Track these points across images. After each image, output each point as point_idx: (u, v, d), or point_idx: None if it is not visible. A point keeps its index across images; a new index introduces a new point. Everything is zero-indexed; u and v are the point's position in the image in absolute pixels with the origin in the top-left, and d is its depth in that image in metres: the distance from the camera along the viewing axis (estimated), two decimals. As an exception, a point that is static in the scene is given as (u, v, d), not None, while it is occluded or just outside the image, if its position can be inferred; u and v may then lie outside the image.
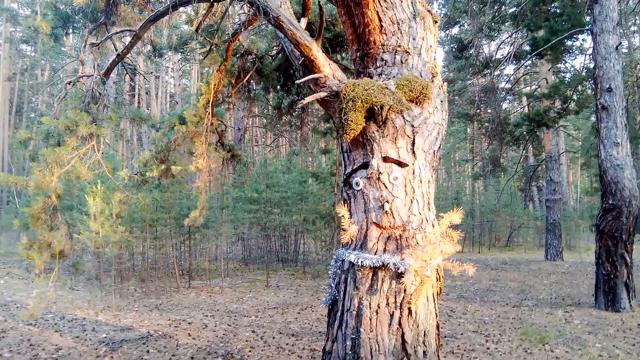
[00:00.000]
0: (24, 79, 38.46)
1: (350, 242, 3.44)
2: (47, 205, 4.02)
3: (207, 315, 7.26)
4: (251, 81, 8.60)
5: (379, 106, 3.33)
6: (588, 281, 11.90)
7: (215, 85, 6.86)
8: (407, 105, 3.45)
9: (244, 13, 6.36)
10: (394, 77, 3.65)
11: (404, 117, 3.43)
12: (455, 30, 25.38)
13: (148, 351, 5.22)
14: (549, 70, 17.04)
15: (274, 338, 5.99)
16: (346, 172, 3.58)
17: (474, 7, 18.48)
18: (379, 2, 3.62)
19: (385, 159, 3.37)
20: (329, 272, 3.68)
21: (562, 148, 28.68)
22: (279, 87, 8.84)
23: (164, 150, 7.39)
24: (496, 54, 21.82)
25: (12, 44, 35.09)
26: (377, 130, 3.41)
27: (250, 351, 5.39)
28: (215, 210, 10.34)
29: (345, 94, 3.41)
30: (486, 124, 25.13)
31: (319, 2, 3.97)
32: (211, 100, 6.89)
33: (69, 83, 4.21)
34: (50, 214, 4.03)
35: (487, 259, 17.35)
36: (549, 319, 7.15)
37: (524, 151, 21.89)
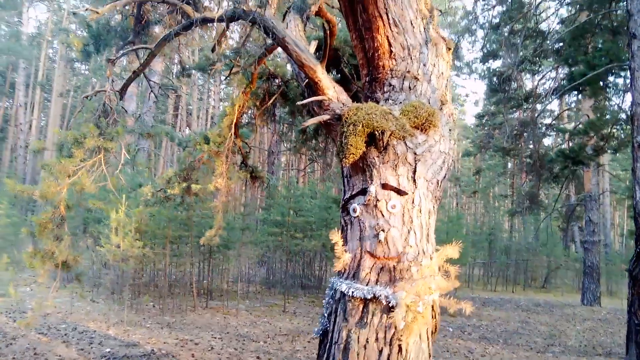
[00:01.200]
0: (76, 95, 40.40)
1: (343, 271, 3.30)
2: (55, 216, 4.07)
3: (215, 337, 7.16)
4: (277, 104, 8.67)
5: (380, 131, 3.22)
6: (624, 330, 11.14)
7: (240, 106, 6.92)
8: (411, 131, 3.33)
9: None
10: (400, 102, 3.56)
11: (406, 144, 3.31)
12: (496, 63, 25.05)
13: (146, 369, 5.16)
14: (590, 107, 16.49)
15: (277, 366, 5.83)
16: (345, 198, 3.47)
17: (516, 40, 18.23)
18: (390, 27, 3.55)
19: (384, 186, 3.24)
20: (323, 300, 3.55)
21: (606, 188, 27.51)
22: (304, 111, 8.86)
23: (187, 169, 7.47)
24: (536, 88, 21.35)
25: (67, 63, 37.03)
26: (378, 156, 3.30)
27: (250, 378, 5.24)
28: (237, 231, 10.34)
29: (347, 118, 3.33)
30: (525, 159, 24.47)
31: (323, 24, 3.94)
32: (234, 121, 6.95)
33: (87, 97, 4.32)
34: (57, 225, 4.07)
35: (519, 300, 16.59)
36: (573, 368, 6.68)
37: (564, 189, 21.12)
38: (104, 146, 3.99)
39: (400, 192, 3.23)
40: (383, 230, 3.15)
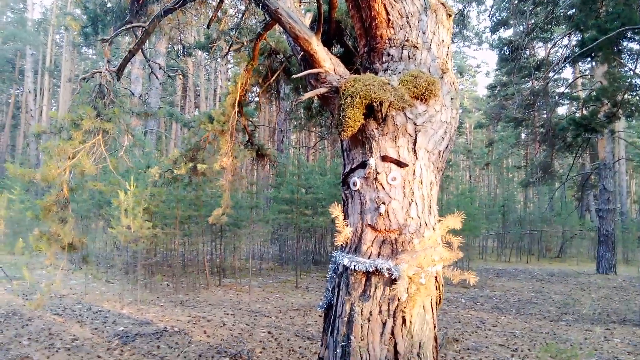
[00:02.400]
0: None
1: (345, 245, 3.28)
2: (59, 198, 4.09)
3: (227, 314, 7.26)
4: (280, 81, 8.57)
5: (378, 102, 3.16)
6: (640, 298, 11.08)
7: (242, 84, 6.86)
8: (410, 102, 3.26)
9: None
10: (399, 72, 3.47)
11: (405, 115, 3.24)
12: (508, 32, 24.47)
13: (159, 346, 5.25)
14: (604, 74, 16.05)
15: (288, 340, 5.89)
16: (345, 171, 3.42)
17: (526, 7, 17.73)
18: (387, -6, 3.45)
19: (384, 158, 3.19)
20: (327, 275, 3.54)
21: (621, 155, 27.06)
22: (308, 87, 8.75)
23: (192, 149, 7.47)
24: (548, 56, 20.86)
25: (74, 48, 37.00)
26: (377, 128, 3.24)
27: (261, 352, 5.31)
28: (246, 210, 10.39)
29: (344, 90, 3.27)
30: (538, 129, 24.10)
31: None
32: (237, 99, 6.89)
33: (84, 79, 4.29)
34: (61, 207, 4.10)
35: (533, 270, 16.56)
36: (586, 335, 6.66)
37: (578, 158, 20.80)
38: (101, 127, 3.97)
39: (400, 164, 3.17)
40: (384, 203, 3.11)
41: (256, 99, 8.76)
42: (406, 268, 2.91)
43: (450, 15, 3.80)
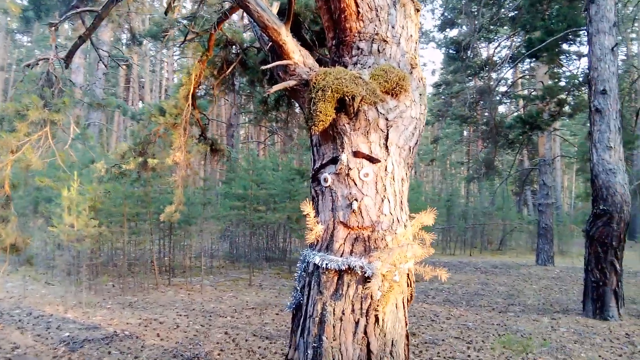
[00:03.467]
0: (19, 69, 38.00)
1: (315, 243, 3.19)
2: (-1, 196, 3.75)
3: (180, 315, 7.00)
4: (235, 74, 8.34)
5: (350, 97, 3.08)
6: (578, 287, 11.69)
7: (196, 76, 6.60)
8: (382, 96, 3.20)
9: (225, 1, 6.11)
10: (369, 66, 3.41)
11: (377, 110, 3.18)
12: (453, 32, 25.17)
13: (110, 352, 4.96)
14: (545, 73, 16.83)
15: (246, 340, 5.74)
16: (315, 167, 3.33)
17: (472, 8, 18.27)
18: (357, -15, 3.37)
19: (356, 154, 3.12)
20: (295, 274, 3.44)
21: (557, 152, 28.55)
22: (265, 80, 8.56)
23: (142, 142, 7.12)
24: (493, 56, 21.62)
25: (7, 34, 34.61)
26: (348, 123, 3.16)
27: (219, 354, 5.13)
28: (198, 206, 10.07)
29: (315, 83, 3.16)
30: (482, 126, 24.96)
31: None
32: (191, 91, 6.63)
33: (28, 65, 3.95)
34: (1, 205, 3.75)
35: (477, 262, 17.14)
36: (534, 325, 6.93)
37: (519, 155, 21.75)
38: (49, 118, 3.66)
39: (372, 160, 3.11)
40: (356, 200, 3.04)
41: (210, 91, 8.47)
42: (380, 266, 2.85)
43: (418, 10, 3.77)
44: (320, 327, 3.00)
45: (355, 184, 3.08)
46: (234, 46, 7.77)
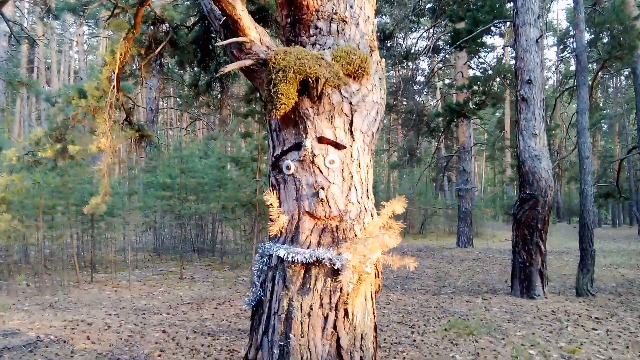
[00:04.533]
0: None
1: (279, 235, 2.99)
2: None
3: (110, 314, 6.48)
4: (164, 54, 7.80)
5: (314, 78, 2.89)
6: (497, 267, 12.42)
7: (121, 55, 6.05)
8: (345, 79, 3.05)
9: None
10: (329, 47, 3.23)
11: (341, 93, 3.02)
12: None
13: (35, 361, 4.45)
14: (465, 64, 17.58)
15: (187, 339, 5.41)
16: (275, 154, 3.11)
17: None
18: (314, -39, 3.18)
19: (321, 140, 2.95)
20: (253, 268, 3.22)
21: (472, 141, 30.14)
22: (195, 62, 8.11)
23: (60, 128, 6.47)
24: (415, 46, 22.22)
25: None
26: (312, 107, 2.98)
27: (159, 355, 4.78)
28: (123, 197, 9.39)
29: (275, 63, 2.93)
30: (403, 115, 25.66)
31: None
32: (117, 72, 6.08)
33: None
34: None
35: (403, 246, 17.67)
36: (469, 306, 7.20)
37: (439, 142, 22.64)
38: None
39: (338, 146, 2.96)
40: (322, 188, 2.87)
41: (135, 72, 7.87)
42: (350, 257, 2.72)
43: (374, -9, 3.65)
44: (287, 324, 2.82)
45: (321, 172, 2.91)
46: (163, 24, 7.27)
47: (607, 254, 14.76)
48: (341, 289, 2.80)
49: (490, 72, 9.81)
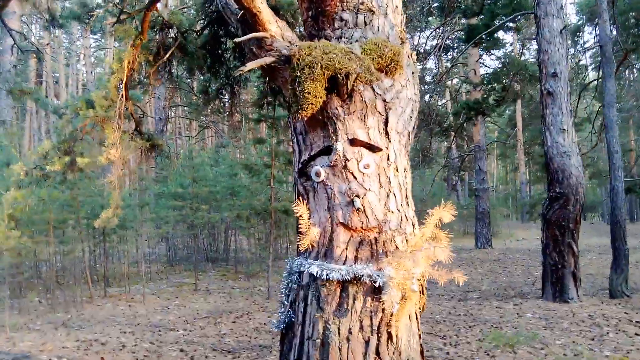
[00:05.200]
0: None
1: (310, 249, 2.68)
2: None
3: (125, 332, 6.21)
4: (173, 61, 7.56)
5: (343, 74, 2.59)
6: (520, 268, 12.03)
7: (129, 62, 5.81)
8: (377, 75, 2.75)
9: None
10: (356, 40, 2.94)
11: (374, 90, 2.72)
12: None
13: (47, 389, 4.18)
14: (477, 61, 17.23)
15: (207, 357, 5.12)
16: (302, 160, 2.81)
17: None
18: (337, -53, 2.89)
19: (353, 142, 2.65)
20: (281, 286, 2.92)
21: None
22: (205, 68, 7.85)
23: (68, 140, 6.23)
24: (425, 45, 21.89)
25: None
26: (342, 106, 2.68)
27: (178, 378, 4.50)
28: (134, 208, 9.16)
29: (299, 59, 2.64)
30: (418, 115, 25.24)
31: None
32: (125, 80, 5.84)
33: None
34: None
35: (420, 250, 17.25)
36: (499, 313, 6.84)
37: (452, 142, 22.30)
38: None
39: (372, 149, 2.66)
40: (358, 196, 2.57)
41: (144, 80, 7.63)
42: (393, 273, 2.41)
43: (402, -22, 3.35)
44: (323, 351, 2.51)
45: (355, 178, 2.61)
46: (171, 29, 7.02)
47: (632, 251, 14.28)
48: (383, 309, 2.48)
49: (508, 66, 9.47)
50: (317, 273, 2.54)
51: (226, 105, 8.99)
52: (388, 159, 2.68)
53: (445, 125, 18.15)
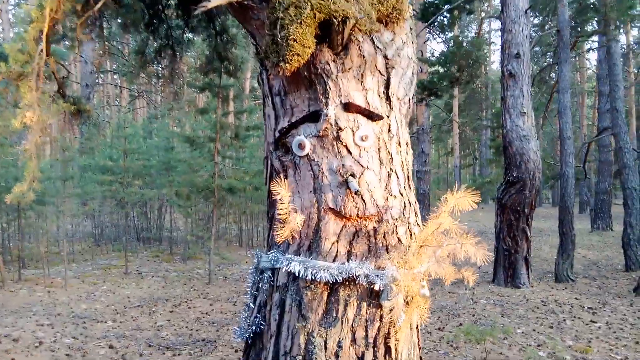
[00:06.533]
0: None
1: (290, 241, 2.12)
2: None
3: (42, 325, 5.36)
4: (104, 13, 6.58)
5: (340, 19, 2.02)
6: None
7: (51, 11, 4.84)
8: (377, 25, 2.20)
9: None
10: (349, -17, 2.36)
11: (374, 43, 2.17)
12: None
13: (-64, 405, 3.37)
14: (424, 42, 17.05)
15: (141, 355, 4.45)
16: (279, 128, 2.22)
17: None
18: None
19: (347, 107, 2.10)
20: (246, 284, 2.35)
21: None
22: (142, 25, 6.92)
23: (-27, 99, 5.21)
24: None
25: None
26: (334, 61, 2.11)
27: (108, 383, 3.82)
28: (56, 182, 8.08)
29: (282, -4, 2.03)
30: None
31: None
32: (45, 31, 4.88)
33: None
34: None
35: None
36: (454, 299, 6.63)
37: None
38: None
39: (372, 116, 2.12)
40: (353, 175, 2.03)
41: (69, 34, 6.59)
42: (397, 273, 1.91)
43: None
44: (306, 370, 1.98)
45: (350, 152, 2.07)
46: (103, -26, 6.05)
47: (554, 235, 14.85)
48: (381, 317, 1.99)
49: (466, 46, 9.26)
50: (299, 272, 1.99)
51: (165, 70, 8.05)
52: (389, 130, 2.16)
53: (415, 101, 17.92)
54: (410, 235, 2.13)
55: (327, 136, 2.07)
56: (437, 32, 14.87)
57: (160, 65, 8.07)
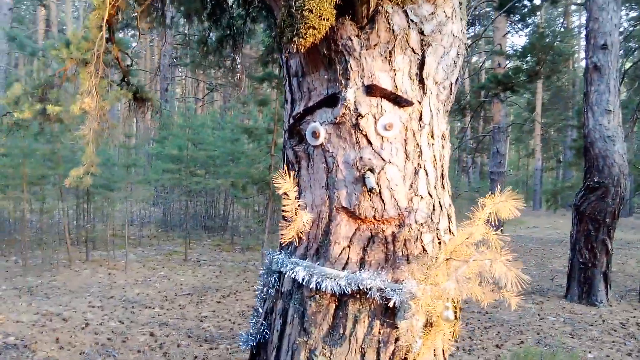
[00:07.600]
0: None
1: (297, 243, 1.86)
2: None
3: (93, 306, 5.51)
4: (166, 1, 6.65)
5: (364, -13, 1.72)
6: (533, 259, 11.24)
7: (113, -2, 4.91)
8: (412, -6, 1.87)
9: None
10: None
11: (407, 15, 1.84)
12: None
13: (-26, 379, 3.47)
14: (504, 36, 16.04)
15: (178, 346, 4.39)
16: (294, 113, 1.96)
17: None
18: None
19: (371, 90, 1.79)
20: (257, 287, 2.12)
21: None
22: (204, 15, 6.94)
23: (43, 85, 5.40)
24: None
25: None
26: (358, 36, 1.81)
27: (139, 372, 3.78)
28: (122, 169, 8.38)
29: (299, -39, 1.76)
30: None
31: None
32: (106, 17, 4.94)
33: None
34: None
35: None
36: (519, 313, 6.05)
37: (469, 122, 21.35)
38: None
39: (399, 102, 1.80)
40: (372, 170, 1.73)
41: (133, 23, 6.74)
42: (417, 290, 1.59)
43: None
44: (305, 392, 1.72)
45: (370, 143, 1.76)
46: (165, -38, 6.10)
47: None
48: (397, 339, 1.68)
49: (548, 38, 8.46)
50: (303, 279, 1.72)
51: (228, 58, 8.05)
52: (421, 119, 1.83)
53: (463, 103, 17.10)
54: (440, 244, 1.79)
55: (344, 123, 1.78)
56: (518, 24, 13.86)
57: (222, 55, 8.10)
